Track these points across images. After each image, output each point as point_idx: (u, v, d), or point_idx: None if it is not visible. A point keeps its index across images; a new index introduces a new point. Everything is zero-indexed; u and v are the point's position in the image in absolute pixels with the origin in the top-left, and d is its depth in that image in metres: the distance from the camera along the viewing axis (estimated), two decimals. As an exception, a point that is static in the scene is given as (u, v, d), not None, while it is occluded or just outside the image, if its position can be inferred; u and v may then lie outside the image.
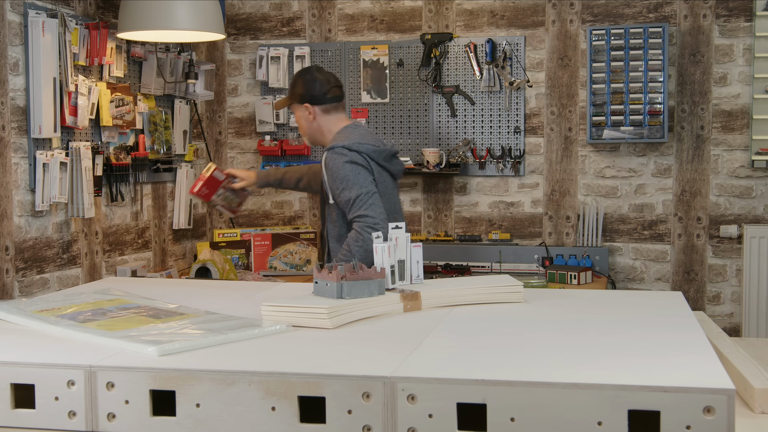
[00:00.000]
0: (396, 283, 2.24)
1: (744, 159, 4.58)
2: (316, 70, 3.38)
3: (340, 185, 3.15)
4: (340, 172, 3.15)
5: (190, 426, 1.57)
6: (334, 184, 3.17)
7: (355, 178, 3.14)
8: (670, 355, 1.66)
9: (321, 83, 3.33)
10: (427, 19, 4.94)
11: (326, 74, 3.39)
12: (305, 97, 3.33)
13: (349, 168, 3.15)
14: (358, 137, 3.26)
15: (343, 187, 3.14)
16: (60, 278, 3.78)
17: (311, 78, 3.34)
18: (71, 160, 3.72)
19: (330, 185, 3.18)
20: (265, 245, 4.73)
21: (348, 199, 3.13)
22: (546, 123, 4.82)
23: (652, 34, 4.53)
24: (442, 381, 1.49)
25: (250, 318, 2.02)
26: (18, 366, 1.65)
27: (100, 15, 4.10)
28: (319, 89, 3.33)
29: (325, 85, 3.34)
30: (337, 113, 3.39)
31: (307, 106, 3.33)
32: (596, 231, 4.73)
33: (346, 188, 3.13)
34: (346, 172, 3.15)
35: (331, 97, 3.36)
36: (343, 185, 3.14)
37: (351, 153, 3.18)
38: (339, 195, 3.16)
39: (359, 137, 3.26)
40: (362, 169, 3.17)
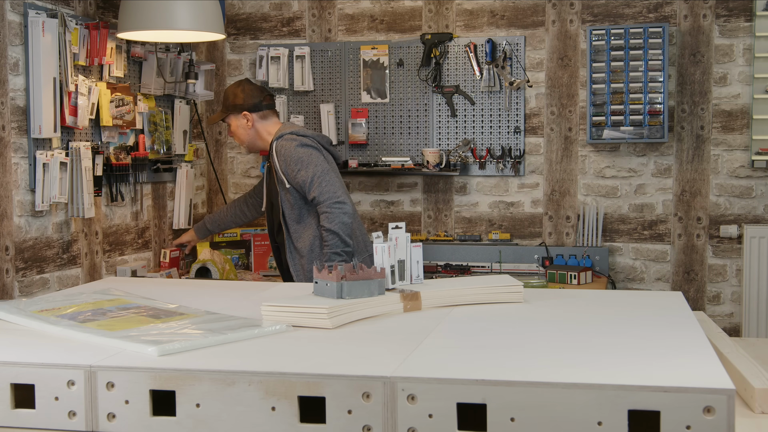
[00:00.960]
0: (396, 283, 2.24)
1: (744, 159, 4.58)
2: (247, 83, 3.74)
3: (295, 167, 3.41)
4: (293, 155, 3.42)
5: (190, 426, 1.57)
6: (288, 168, 3.43)
7: (309, 158, 3.41)
8: (670, 355, 1.66)
9: (255, 93, 3.69)
10: (427, 19, 4.94)
11: (257, 85, 3.76)
12: (243, 107, 3.67)
13: (302, 150, 3.43)
14: (297, 128, 3.58)
15: (299, 168, 3.40)
16: (60, 278, 3.78)
17: (246, 89, 3.69)
18: (71, 160, 3.71)
19: (284, 169, 3.44)
20: (265, 245, 4.73)
21: (305, 179, 3.38)
22: (546, 123, 4.82)
23: (652, 34, 4.53)
24: (442, 381, 1.49)
25: (250, 318, 2.02)
26: (18, 366, 1.65)
27: (100, 15, 4.10)
28: (255, 98, 3.68)
29: (259, 94, 3.70)
30: (273, 117, 3.74)
31: (246, 114, 3.65)
32: (596, 231, 4.73)
33: (302, 168, 3.39)
34: (300, 154, 3.42)
35: (267, 104, 3.71)
36: (299, 166, 3.40)
37: (299, 137, 3.48)
38: (295, 176, 3.41)
39: (299, 128, 3.60)
40: (314, 150, 3.45)
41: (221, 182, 5.20)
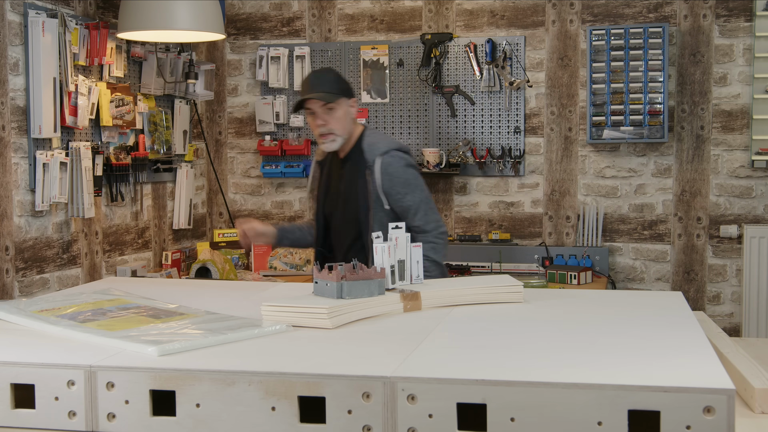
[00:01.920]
0: (396, 283, 2.24)
1: (744, 159, 4.58)
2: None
3: (402, 190, 3.03)
4: (401, 176, 3.04)
5: (190, 426, 1.57)
6: (393, 189, 3.03)
7: (416, 181, 3.07)
8: (670, 355, 1.66)
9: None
10: (427, 19, 4.94)
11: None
12: (352, 93, 3.13)
13: (410, 172, 3.07)
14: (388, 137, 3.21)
15: (406, 192, 3.03)
16: (60, 278, 3.78)
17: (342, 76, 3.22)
18: (71, 160, 3.71)
19: (388, 190, 3.03)
20: (265, 245, 4.72)
21: (411, 205, 3.03)
22: (546, 123, 4.82)
23: (652, 34, 4.53)
24: (442, 381, 1.49)
25: (250, 318, 2.02)
26: (18, 366, 1.65)
27: (100, 15, 4.10)
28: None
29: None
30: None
31: (355, 100, 3.13)
32: (596, 231, 4.73)
33: (409, 192, 3.03)
34: (408, 176, 3.05)
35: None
36: (406, 190, 3.03)
37: (406, 156, 3.09)
38: (400, 200, 3.03)
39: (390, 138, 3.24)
40: (417, 172, 3.11)
41: (221, 182, 5.20)
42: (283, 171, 5.06)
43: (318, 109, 3.02)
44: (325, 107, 3.01)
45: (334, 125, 3.04)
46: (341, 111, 3.04)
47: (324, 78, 3.08)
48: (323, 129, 3.03)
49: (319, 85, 3.04)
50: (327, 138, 3.05)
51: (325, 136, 3.05)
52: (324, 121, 3.03)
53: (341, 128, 3.05)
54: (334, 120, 3.03)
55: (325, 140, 3.05)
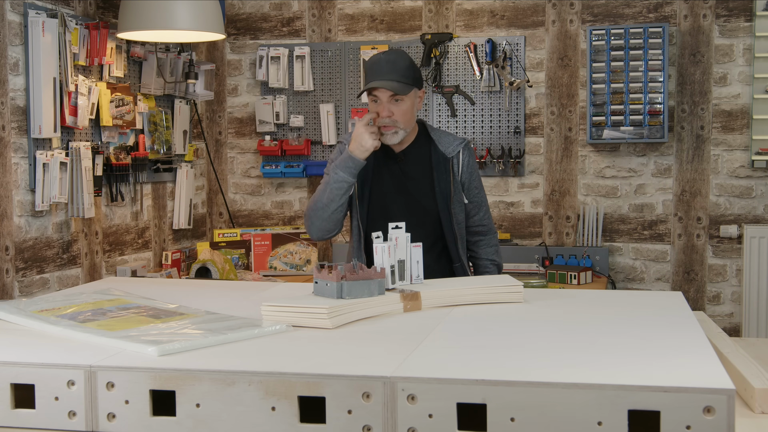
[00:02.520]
0: (396, 283, 2.24)
1: (744, 159, 4.58)
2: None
3: (479, 185, 2.95)
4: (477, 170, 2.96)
5: (190, 426, 1.57)
6: (473, 183, 2.92)
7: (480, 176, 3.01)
8: (670, 355, 1.66)
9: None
10: (427, 19, 4.94)
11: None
12: (422, 82, 2.88)
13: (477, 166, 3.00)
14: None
15: (480, 188, 2.95)
16: (60, 278, 3.78)
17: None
18: (71, 160, 3.72)
19: (468, 183, 2.90)
20: (265, 245, 4.73)
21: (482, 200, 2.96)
22: (546, 123, 4.82)
23: (652, 34, 4.53)
24: (442, 381, 1.49)
25: (250, 318, 2.02)
26: (18, 366, 1.65)
27: (100, 15, 4.10)
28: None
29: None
30: None
31: (423, 92, 2.89)
32: (596, 231, 4.73)
33: (481, 189, 2.96)
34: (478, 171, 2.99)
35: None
36: (480, 184, 2.96)
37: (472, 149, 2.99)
38: (476, 195, 2.94)
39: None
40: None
41: (221, 182, 5.20)
42: (283, 171, 5.06)
43: (385, 98, 2.75)
44: (393, 97, 2.75)
45: (399, 117, 2.77)
46: (409, 103, 2.79)
47: (398, 63, 2.77)
48: (387, 121, 2.76)
49: (392, 71, 2.75)
50: (389, 129, 2.78)
51: (387, 128, 2.77)
52: (390, 112, 2.76)
53: (406, 122, 2.79)
54: (400, 112, 2.77)
55: (387, 132, 2.78)
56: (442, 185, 2.85)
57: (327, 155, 5.04)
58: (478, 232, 2.97)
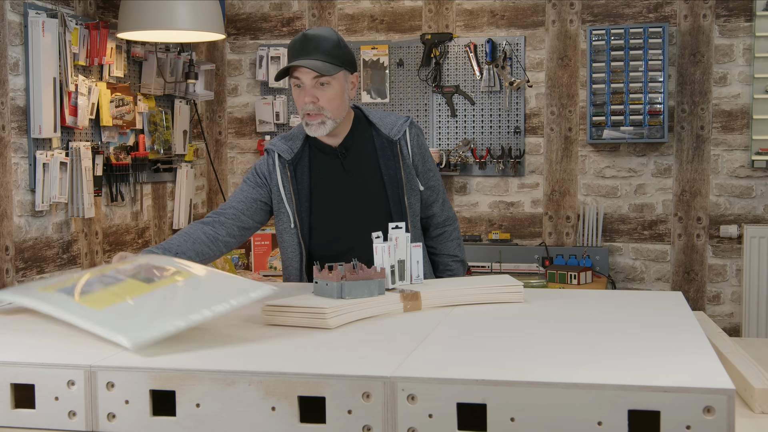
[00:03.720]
0: (396, 283, 2.24)
1: (744, 159, 4.58)
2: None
3: (432, 167, 2.61)
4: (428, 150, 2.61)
5: (190, 426, 1.57)
6: (425, 166, 2.58)
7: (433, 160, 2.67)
8: (670, 355, 1.66)
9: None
10: (427, 19, 4.94)
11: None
12: (355, 66, 2.53)
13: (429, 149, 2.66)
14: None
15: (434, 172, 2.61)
16: (60, 278, 3.78)
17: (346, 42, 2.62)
18: (71, 160, 3.72)
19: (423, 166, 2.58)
20: (265, 245, 4.73)
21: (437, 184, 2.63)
22: (546, 123, 4.82)
23: (652, 34, 4.53)
24: (442, 381, 1.49)
25: (248, 283, 1.98)
26: (18, 366, 1.65)
27: (100, 15, 4.10)
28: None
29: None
30: None
31: (356, 76, 2.53)
32: (596, 231, 4.73)
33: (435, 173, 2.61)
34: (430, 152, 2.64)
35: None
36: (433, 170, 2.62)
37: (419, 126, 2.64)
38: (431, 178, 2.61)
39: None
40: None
41: (221, 182, 5.20)
42: (283, 171, 5.05)
43: (308, 81, 2.40)
44: (317, 80, 2.39)
45: (325, 104, 2.41)
46: (337, 87, 2.42)
47: (323, 42, 2.40)
48: (311, 108, 2.41)
49: (316, 50, 2.38)
50: (314, 119, 2.43)
51: (312, 117, 2.43)
52: (313, 98, 2.40)
53: (334, 110, 2.43)
54: (326, 98, 2.41)
55: (312, 121, 2.43)
56: (391, 173, 2.52)
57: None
58: (437, 224, 2.65)
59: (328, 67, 2.38)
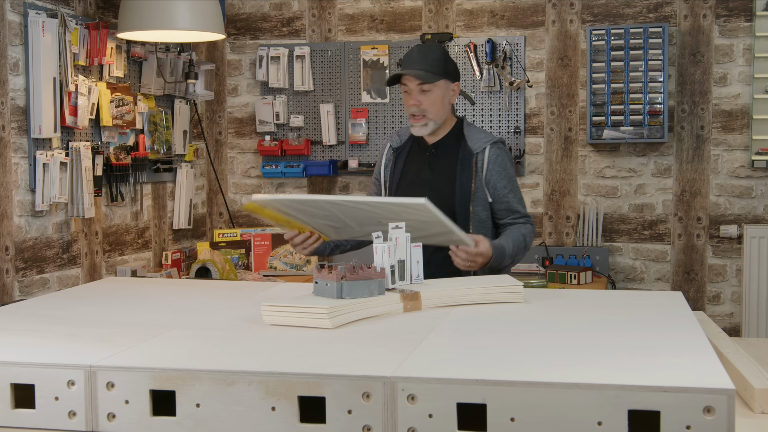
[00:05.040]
0: (396, 283, 2.24)
1: (744, 159, 4.59)
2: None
3: (508, 185, 2.86)
4: (509, 171, 2.88)
5: (190, 426, 1.57)
6: (501, 183, 2.84)
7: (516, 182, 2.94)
8: (670, 355, 1.66)
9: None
10: (427, 19, 4.94)
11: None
12: (456, 75, 2.90)
13: (513, 169, 2.93)
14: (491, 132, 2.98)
15: (511, 188, 2.87)
16: (60, 278, 3.78)
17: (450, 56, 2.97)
18: (71, 160, 3.72)
19: (496, 183, 2.84)
20: (265, 245, 4.73)
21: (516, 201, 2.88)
22: (546, 123, 4.82)
23: (652, 34, 4.53)
24: (442, 381, 1.49)
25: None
26: (18, 366, 1.65)
27: (100, 15, 4.10)
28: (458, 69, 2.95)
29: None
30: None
31: (457, 86, 2.89)
32: (596, 231, 4.73)
33: (513, 189, 2.88)
34: (512, 172, 2.90)
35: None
36: (511, 185, 2.87)
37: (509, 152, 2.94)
38: (505, 195, 2.86)
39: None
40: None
41: (221, 182, 5.20)
42: (283, 171, 5.06)
43: (413, 87, 2.81)
44: (420, 86, 2.79)
45: (427, 107, 2.82)
46: (438, 93, 2.82)
47: (428, 54, 2.83)
48: (415, 110, 2.82)
49: (420, 61, 2.81)
50: (418, 120, 2.83)
51: (416, 119, 2.83)
52: (417, 101, 2.82)
53: (435, 112, 2.83)
54: (428, 102, 2.81)
55: (416, 123, 2.84)
56: (464, 181, 2.83)
57: (327, 155, 5.05)
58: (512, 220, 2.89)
59: (428, 76, 2.79)
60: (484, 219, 2.85)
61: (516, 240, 2.82)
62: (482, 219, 2.84)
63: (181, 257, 4.55)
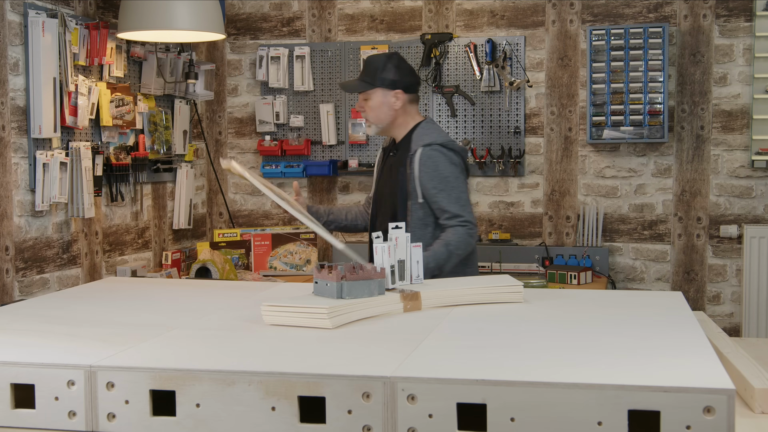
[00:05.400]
0: (396, 283, 2.24)
1: (744, 159, 4.58)
2: (401, 58, 3.21)
3: (438, 185, 3.02)
4: (441, 172, 3.03)
5: (190, 426, 1.57)
6: (430, 183, 3.01)
7: (455, 181, 3.05)
8: (670, 355, 1.66)
9: (412, 72, 3.19)
10: (427, 19, 4.94)
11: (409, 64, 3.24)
12: (398, 84, 3.12)
13: (450, 169, 3.05)
14: (444, 135, 3.16)
15: (442, 188, 3.02)
16: (60, 278, 3.78)
17: (404, 65, 3.18)
18: (71, 160, 3.72)
19: (424, 183, 3.02)
20: (265, 245, 4.73)
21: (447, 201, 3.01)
22: (546, 123, 4.82)
23: (652, 34, 4.53)
24: (442, 381, 1.49)
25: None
26: (18, 366, 1.65)
27: (100, 15, 4.10)
28: (414, 79, 3.19)
29: (416, 75, 3.22)
30: (416, 106, 3.24)
31: (399, 93, 3.11)
32: (596, 231, 4.73)
33: (445, 189, 3.02)
34: (447, 173, 3.04)
35: (418, 89, 3.25)
36: (442, 186, 3.02)
37: (450, 153, 3.07)
38: (435, 195, 3.02)
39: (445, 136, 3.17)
40: (460, 172, 3.09)
41: (221, 182, 5.20)
42: (283, 171, 5.06)
43: (359, 95, 3.20)
44: (361, 95, 3.17)
45: (368, 112, 3.15)
46: (376, 100, 3.12)
47: (369, 65, 3.16)
48: (362, 114, 3.21)
49: (362, 72, 3.19)
50: (366, 123, 3.21)
51: (366, 121, 3.21)
52: (360, 107, 3.19)
53: (374, 117, 3.14)
54: (368, 107, 3.14)
55: (365, 124, 3.31)
56: (402, 181, 3.07)
57: (327, 155, 5.05)
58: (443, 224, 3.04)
59: (360, 85, 3.15)
60: (421, 217, 3.05)
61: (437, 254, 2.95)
62: (420, 217, 3.05)
63: (181, 257, 4.55)
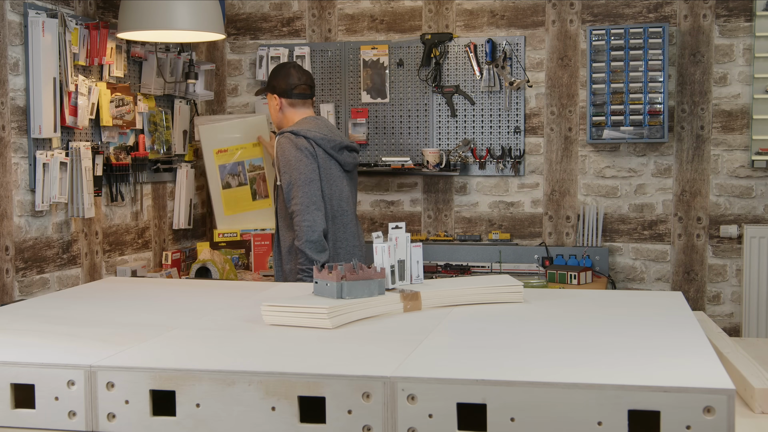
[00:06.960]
0: (396, 283, 2.24)
1: (744, 159, 4.59)
2: (292, 67, 3.68)
3: (283, 168, 3.44)
4: (285, 155, 3.44)
5: (190, 426, 1.57)
6: (278, 166, 3.47)
7: (297, 163, 3.41)
8: (670, 355, 1.66)
9: (292, 79, 3.64)
10: (427, 19, 4.94)
11: (300, 72, 3.68)
12: (275, 89, 3.67)
13: (293, 153, 3.43)
14: (309, 125, 3.53)
15: (284, 170, 3.43)
16: (60, 278, 3.78)
17: (285, 73, 3.66)
18: (71, 160, 3.72)
19: (278, 167, 3.48)
20: (265, 245, 4.73)
21: (287, 183, 3.42)
22: (546, 123, 4.82)
23: (652, 34, 4.53)
24: (442, 381, 1.49)
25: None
26: (18, 366, 1.65)
27: (100, 15, 4.10)
28: (288, 84, 3.64)
29: (295, 81, 3.65)
30: (303, 108, 3.67)
31: (275, 96, 3.66)
32: (596, 231, 4.73)
33: (286, 171, 3.42)
34: (289, 156, 3.43)
35: (298, 93, 3.65)
36: (285, 168, 3.42)
37: (297, 138, 3.46)
38: (281, 177, 3.45)
39: (311, 126, 3.53)
40: (304, 156, 3.43)
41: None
42: (283, 171, 5.06)
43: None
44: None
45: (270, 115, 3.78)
46: (270, 104, 3.71)
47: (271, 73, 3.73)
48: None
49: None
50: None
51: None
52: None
53: (271, 117, 3.76)
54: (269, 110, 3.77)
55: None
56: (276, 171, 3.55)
57: (327, 155, 5.05)
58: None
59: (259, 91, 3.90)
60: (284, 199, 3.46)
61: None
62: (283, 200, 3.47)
63: (181, 257, 4.55)
